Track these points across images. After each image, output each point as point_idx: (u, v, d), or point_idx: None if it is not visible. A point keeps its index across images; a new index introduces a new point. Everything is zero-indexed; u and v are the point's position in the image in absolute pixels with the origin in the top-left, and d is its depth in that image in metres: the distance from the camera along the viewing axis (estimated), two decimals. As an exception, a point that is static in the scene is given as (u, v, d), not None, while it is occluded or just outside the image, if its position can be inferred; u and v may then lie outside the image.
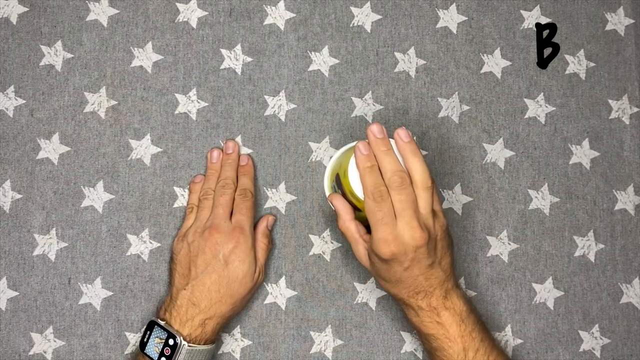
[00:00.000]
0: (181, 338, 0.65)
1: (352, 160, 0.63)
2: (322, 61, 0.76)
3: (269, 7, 0.76)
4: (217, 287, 0.67)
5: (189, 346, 0.65)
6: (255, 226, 0.72)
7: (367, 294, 0.74)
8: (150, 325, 0.67)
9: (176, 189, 0.74)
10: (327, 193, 0.72)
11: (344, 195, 0.67)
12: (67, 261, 0.73)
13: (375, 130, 0.62)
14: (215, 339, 0.69)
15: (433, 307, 0.64)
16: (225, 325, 0.71)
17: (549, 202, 0.75)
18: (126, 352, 0.72)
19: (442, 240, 0.63)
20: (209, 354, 0.68)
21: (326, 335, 0.73)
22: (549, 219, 0.75)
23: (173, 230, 0.73)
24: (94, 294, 0.73)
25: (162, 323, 0.66)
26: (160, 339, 0.66)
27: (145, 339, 0.67)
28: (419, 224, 0.60)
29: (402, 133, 0.62)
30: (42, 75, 0.74)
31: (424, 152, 0.75)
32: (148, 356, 0.66)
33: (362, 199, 0.62)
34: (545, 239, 0.75)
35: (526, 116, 0.76)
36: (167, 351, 0.65)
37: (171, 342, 0.65)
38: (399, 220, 0.60)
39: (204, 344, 0.66)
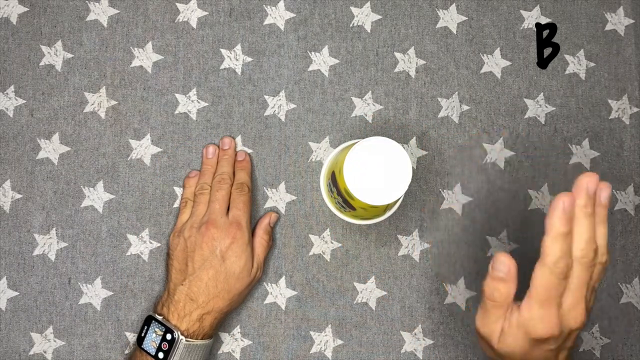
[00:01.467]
0: (179, 333, 0.65)
1: (348, 159, 0.63)
2: (322, 61, 0.76)
3: (269, 7, 0.76)
4: (215, 283, 0.67)
5: (186, 341, 0.65)
6: (257, 222, 0.72)
7: (367, 294, 0.74)
8: (148, 320, 0.67)
9: (176, 189, 0.74)
10: (323, 192, 0.73)
11: (338, 193, 0.67)
12: (67, 261, 0.73)
13: (591, 185, 0.49)
14: (212, 334, 0.69)
15: None
16: (223, 320, 0.71)
17: (549, 202, 0.75)
18: (126, 352, 0.72)
19: None
20: (207, 349, 0.68)
21: (326, 335, 0.73)
22: (549, 219, 0.75)
23: (173, 230, 0.73)
24: (94, 294, 0.73)
25: (159, 318, 0.66)
26: (158, 334, 0.66)
27: (142, 334, 0.67)
28: (586, 306, 0.51)
29: (604, 193, 0.50)
30: (42, 75, 0.74)
31: (424, 152, 0.75)
32: (145, 351, 0.66)
33: (358, 198, 0.63)
34: (545, 239, 0.75)
35: (526, 116, 0.76)
36: (165, 346, 0.65)
37: (169, 337, 0.65)
38: (568, 298, 0.51)
39: (201, 339, 0.66)
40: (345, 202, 0.66)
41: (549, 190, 0.76)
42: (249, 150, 0.74)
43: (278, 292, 0.74)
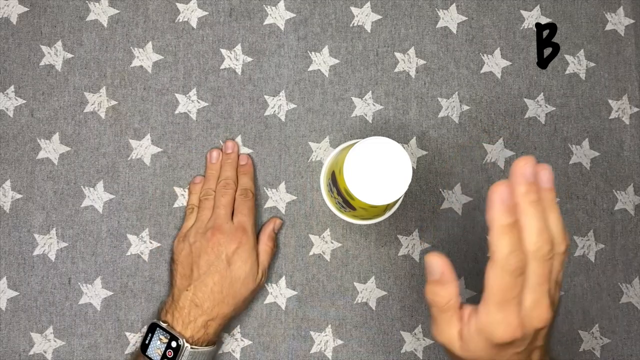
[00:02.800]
0: (184, 340, 0.65)
1: (348, 159, 0.63)
2: (322, 61, 0.76)
3: (269, 7, 0.76)
4: (220, 288, 0.67)
5: (192, 348, 0.65)
6: (261, 229, 0.72)
7: (367, 294, 0.74)
8: (152, 328, 0.67)
9: (176, 189, 0.74)
10: (323, 192, 0.73)
11: (339, 193, 0.67)
12: (67, 261, 0.73)
13: (528, 172, 0.44)
14: (216, 340, 0.69)
15: None
16: (227, 326, 0.71)
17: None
18: (126, 352, 0.72)
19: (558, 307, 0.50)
20: (211, 355, 0.68)
21: (326, 335, 0.73)
22: (549, 219, 0.75)
23: (173, 230, 0.73)
24: (94, 294, 0.73)
25: (164, 325, 0.66)
26: (163, 341, 0.65)
27: (146, 341, 0.66)
28: (550, 302, 0.46)
29: (545, 176, 0.45)
30: (42, 75, 0.74)
31: (424, 152, 0.75)
32: (150, 358, 0.66)
33: (359, 199, 0.62)
34: (545, 239, 0.75)
35: (526, 116, 0.76)
36: (170, 353, 0.65)
37: (174, 344, 0.65)
38: (528, 296, 0.46)
39: (206, 346, 0.66)
40: (345, 202, 0.66)
41: (549, 190, 0.76)
42: (249, 151, 0.74)
43: (278, 292, 0.74)
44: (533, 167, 0.44)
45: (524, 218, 0.44)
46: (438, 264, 0.47)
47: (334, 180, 0.67)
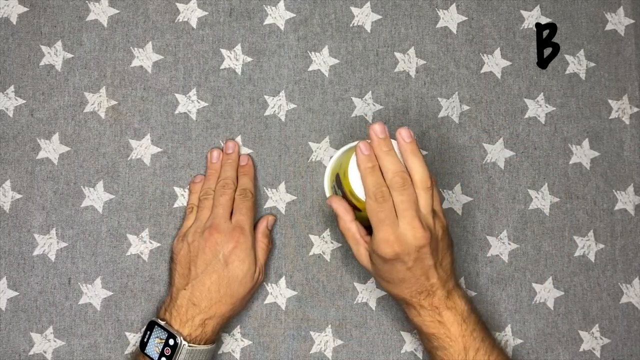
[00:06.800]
0: (181, 338, 0.65)
1: (353, 161, 0.63)
2: (322, 61, 0.76)
3: (269, 7, 0.76)
4: (217, 287, 0.67)
5: (189, 346, 0.65)
6: (255, 226, 0.72)
7: (367, 294, 0.74)
8: (151, 325, 0.67)
9: (176, 189, 0.74)
10: (328, 194, 0.72)
11: (344, 196, 0.66)
12: (67, 261, 0.73)
13: (377, 130, 0.62)
14: (215, 339, 0.69)
15: (435, 307, 0.64)
16: (225, 325, 0.71)
17: (549, 202, 0.75)
18: (126, 352, 0.72)
19: (442, 240, 0.64)
20: (209, 354, 0.68)
21: (326, 335, 0.73)
22: (549, 219, 0.75)
23: (173, 230, 0.73)
24: (94, 294, 0.73)
25: (162, 323, 0.66)
26: (161, 339, 0.66)
27: (145, 339, 0.67)
28: (421, 224, 0.61)
29: (404, 133, 0.61)
30: (42, 75, 0.74)
31: (424, 152, 0.75)
32: (148, 356, 0.66)
33: (363, 199, 0.62)
34: (545, 239, 0.75)
35: (526, 116, 0.76)
36: (167, 351, 0.65)
37: (171, 342, 0.65)
38: (400, 220, 0.61)
39: (204, 344, 0.66)
40: (351, 204, 0.66)
41: (549, 190, 0.76)
42: (249, 151, 0.74)
43: (278, 292, 0.74)
44: (383, 128, 0.62)
45: (380, 163, 0.62)
46: (344, 206, 0.65)
47: (339, 183, 0.67)
